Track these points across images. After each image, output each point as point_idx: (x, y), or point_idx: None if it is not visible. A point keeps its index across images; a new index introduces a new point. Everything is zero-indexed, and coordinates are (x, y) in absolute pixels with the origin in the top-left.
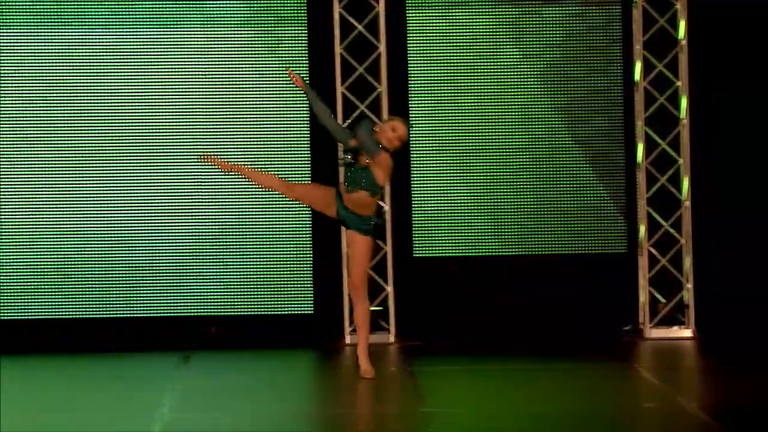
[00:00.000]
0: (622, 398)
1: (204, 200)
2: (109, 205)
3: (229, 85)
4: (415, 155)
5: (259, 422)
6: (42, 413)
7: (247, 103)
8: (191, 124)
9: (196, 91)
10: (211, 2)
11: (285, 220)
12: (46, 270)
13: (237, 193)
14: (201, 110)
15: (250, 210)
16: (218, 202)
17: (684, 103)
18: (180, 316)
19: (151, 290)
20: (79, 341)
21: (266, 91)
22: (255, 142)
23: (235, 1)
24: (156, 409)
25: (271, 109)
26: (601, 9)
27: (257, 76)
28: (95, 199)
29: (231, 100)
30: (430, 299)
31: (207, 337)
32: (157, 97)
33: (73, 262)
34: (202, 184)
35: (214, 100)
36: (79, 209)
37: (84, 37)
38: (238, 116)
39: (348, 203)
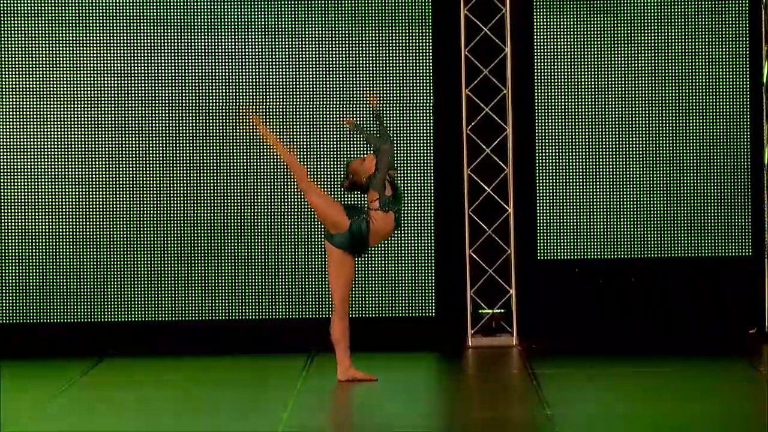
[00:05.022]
0: (745, 399)
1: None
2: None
3: (352, 87)
4: (539, 159)
5: (381, 425)
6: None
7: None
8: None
9: (321, 96)
10: (341, 4)
11: (409, 223)
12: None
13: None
14: (320, 114)
15: None
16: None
17: None
18: (307, 318)
19: (279, 295)
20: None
21: (390, 92)
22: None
23: (362, 3)
24: (281, 411)
25: (395, 108)
26: (729, 4)
27: (381, 77)
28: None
29: (354, 103)
30: (554, 302)
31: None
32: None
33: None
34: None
35: (337, 103)
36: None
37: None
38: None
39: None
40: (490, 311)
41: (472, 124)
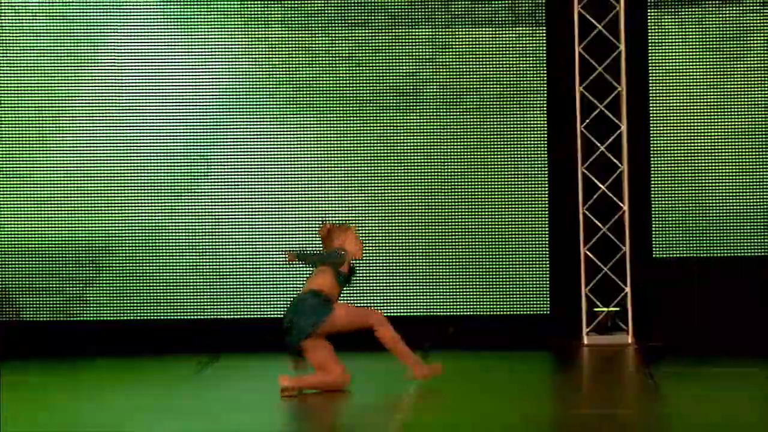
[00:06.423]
0: None
1: (446, 201)
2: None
3: (467, 84)
4: (654, 156)
5: (496, 423)
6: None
7: (485, 102)
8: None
9: (439, 90)
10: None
11: (523, 221)
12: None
13: (481, 195)
14: (444, 109)
15: (490, 211)
16: (463, 203)
17: None
18: (421, 315)
19: (392, 292)
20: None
21: (504, 90)
22: (493, 141)
23: (473, 1)
24: (391, 408)
25: (509, 107)
26: None
27: (496, 75)
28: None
29: (469, 99)
30: (669, 300)
31: (445, 336)
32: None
33: None
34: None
35: (454, 98)
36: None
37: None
38: (476, 115)
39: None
40: (605, 309)
41: (586, 121)
